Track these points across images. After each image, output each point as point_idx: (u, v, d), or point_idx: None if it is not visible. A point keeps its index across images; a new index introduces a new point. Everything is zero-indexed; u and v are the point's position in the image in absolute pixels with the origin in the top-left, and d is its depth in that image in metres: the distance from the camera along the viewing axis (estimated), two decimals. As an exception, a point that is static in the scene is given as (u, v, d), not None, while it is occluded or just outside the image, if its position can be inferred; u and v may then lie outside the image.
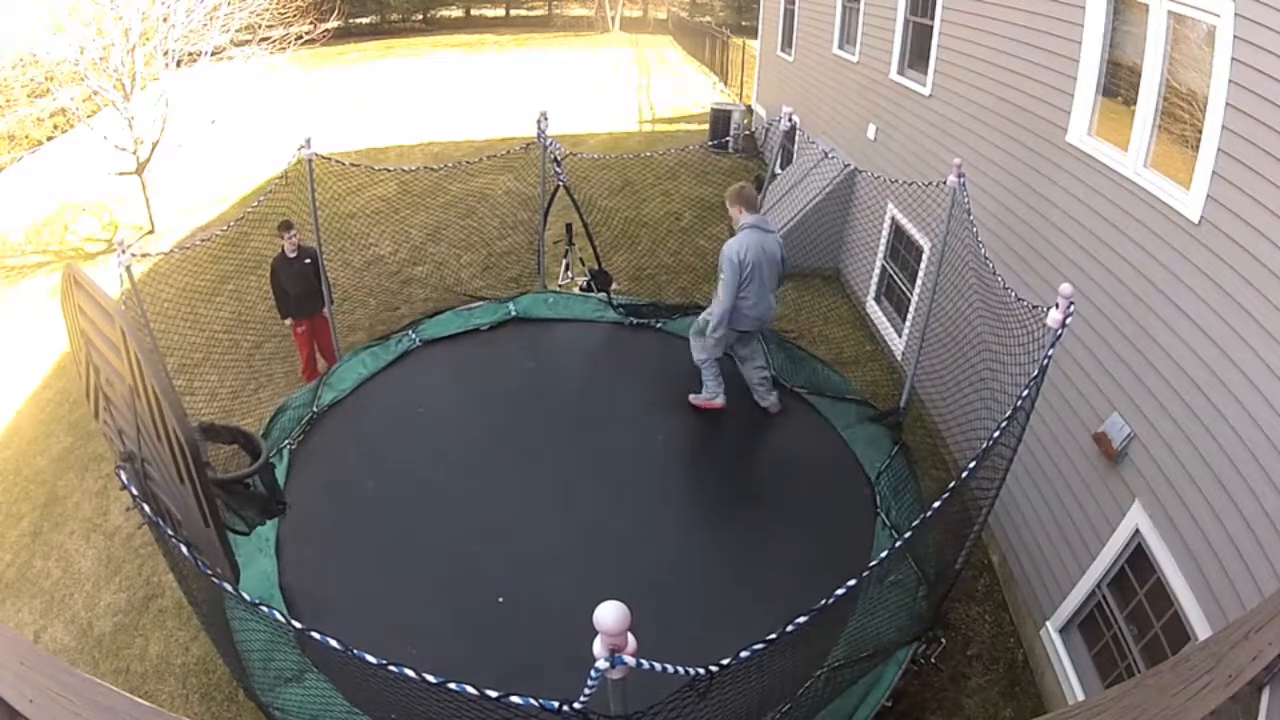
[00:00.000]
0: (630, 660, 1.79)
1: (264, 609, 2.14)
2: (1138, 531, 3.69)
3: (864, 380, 6.60)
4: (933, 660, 4.11)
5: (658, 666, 1.84)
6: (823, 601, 2.14)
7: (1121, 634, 3.80)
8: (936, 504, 2.55)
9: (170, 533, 2.40)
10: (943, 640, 4.26)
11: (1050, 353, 3.15)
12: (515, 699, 1.83)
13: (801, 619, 2.08)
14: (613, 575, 4.15)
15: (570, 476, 4.82)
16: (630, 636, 1.79)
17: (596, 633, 1.78)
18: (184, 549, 2.33)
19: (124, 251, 4.62)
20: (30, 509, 6.14)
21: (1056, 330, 3.23)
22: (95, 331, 2.38)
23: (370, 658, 1.93)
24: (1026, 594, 4.66)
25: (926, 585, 3.86)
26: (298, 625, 2.08)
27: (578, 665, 1.90)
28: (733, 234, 4.90)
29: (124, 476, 2.47)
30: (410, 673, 1.88)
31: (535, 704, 1.81)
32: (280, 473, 4.81)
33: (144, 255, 5.63)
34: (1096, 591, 4.00)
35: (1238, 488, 3.13)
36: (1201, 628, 3.21)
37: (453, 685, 1.85)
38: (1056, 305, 3.27)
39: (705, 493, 4.76)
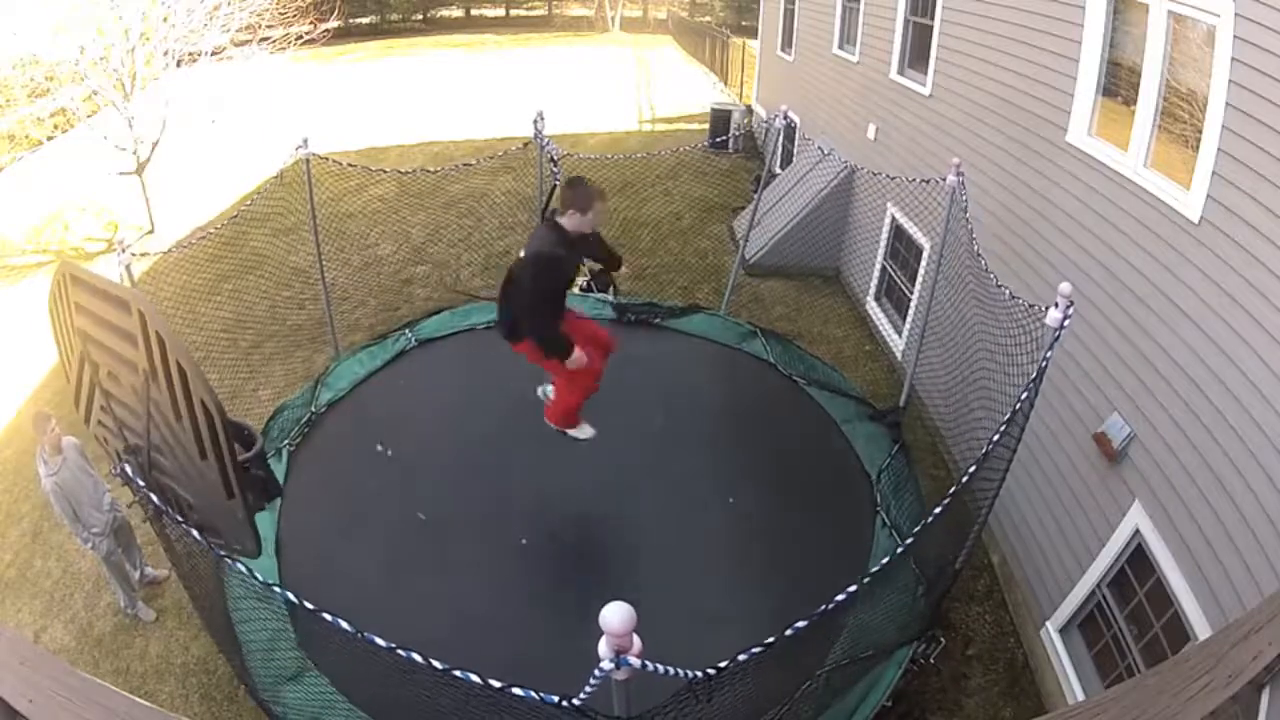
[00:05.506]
0: (635, 661, 1.79)
1: (275, 589, 2.17)
2: (1138, 532, 3.69)
3: (864, 380, 6.59)
4: (932, 660, 4.10)
5: (660, 668, 1.84)
6: (821, 608, 2.14)
7: (1121, 634, 3.80)
8: (937, 509, 2.55)
9: (179, 519, 2.42)
10: (942, 640, 4.25)
11: (1049, 353, 3.15)
12: (517, 690, 1.83)
13: (801, 624, 2.08)
14: (613, 572, 4.16)
15: (569, 474, 4.81)
16: (635, 637, 1.79)
17: (600, 632, 1.77)
18: (195, 533, 2.36)
19: (124, 251, 4.63)
20: (30, 509, 6.13)
21: (1056, 330, 3.23)
22: (98, 325, 2.37)
23: (380, 640, 1.95)
24: (1026, 594, 4.66)
25: (925, 585, 3.86)
26: (309, 606, 2.09)
27: (579, 663, 1.90)
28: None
29: (129, 470, 2.48)
30: (417, 657, 1.90)
31: (536, 697, 1.82)
32: (279, 473, 4.80)
33: (143, 254, 5.63)
34: (1096, 591, 4.00)
35: (1238, 488, 3.12)
36: (1201, 628, 3.21)
37: (458, 673, 1.87)
38: (1056, 305, 3.26)
39: (707, 490, 4.75)
